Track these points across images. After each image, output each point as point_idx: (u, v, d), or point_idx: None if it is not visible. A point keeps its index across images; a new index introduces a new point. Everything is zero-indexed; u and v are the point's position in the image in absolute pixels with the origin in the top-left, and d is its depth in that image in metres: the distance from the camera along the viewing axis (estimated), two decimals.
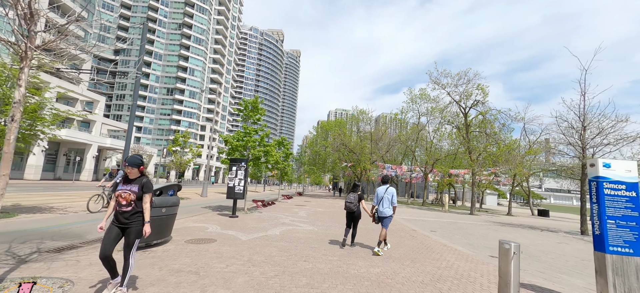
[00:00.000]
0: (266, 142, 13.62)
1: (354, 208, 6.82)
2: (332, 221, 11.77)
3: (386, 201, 6.56)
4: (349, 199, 6.91)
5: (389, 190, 6.62)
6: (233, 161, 11.56)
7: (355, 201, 6.83)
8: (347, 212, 6.95)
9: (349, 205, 6.87)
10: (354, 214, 6.88)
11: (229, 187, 11.36)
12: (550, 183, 53.20)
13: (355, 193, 6.94)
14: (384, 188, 6.68)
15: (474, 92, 21.64)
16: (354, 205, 6.82)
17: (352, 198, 6.89)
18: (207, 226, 8.65)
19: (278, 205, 18.22)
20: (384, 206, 6.54)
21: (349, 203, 6.88)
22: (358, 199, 6.86)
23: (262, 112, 13.98)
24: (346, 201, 6.95)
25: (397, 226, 11.49)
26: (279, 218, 11.61)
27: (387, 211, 6.52)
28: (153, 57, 73.18)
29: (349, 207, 6.86)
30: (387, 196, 6.58)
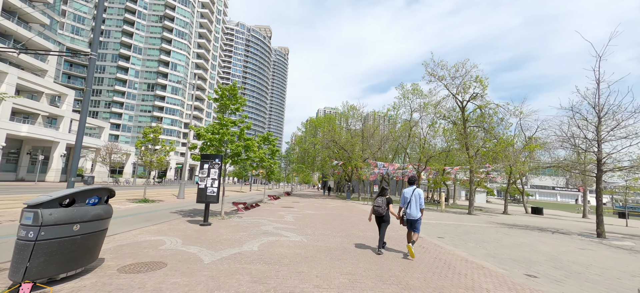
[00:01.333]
0: (247, 135, 11.72)
1: (383, 212, 6.53)
2: (325, 228, 10.01)
3: (414, 203, 6.31)
4: (377, 203, 6.60)
5: (416, 192, 6.36)
6: (205, 157, 9.62)
7: (384, 205, 6.52)
8: (376, 217, 6.71)
9: (377, 209, 6.56)
10: (383, 218, 6.59)
11: (200, 189, 9.42)
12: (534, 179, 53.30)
13: (382, 197, 6.62)
14: (411, 190, 6.42)
15: (472, 85, 20.38)
16: (383, 209, 6.52)
17: (380, 202, 6.57)
18: (165, 240, 6.73)
19: (262, 208, 16.33)
20: (412, 208, 6.30)
21: (377, 207, 6.56)
22: (386, 202, 6.54)
23: (242, 101, 12.06)
24: (374, 205, 6.63)
25: (401, 233, 9.86)
26: (262, 225, 9.77)
27: (416, 213, 6.29)
28: (132, 51, 69.27)
29: (378, 211, 6.56)
30: (415, 198, 6.33)
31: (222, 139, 10.92)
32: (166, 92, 71.12)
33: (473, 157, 20.86)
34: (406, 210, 6.37)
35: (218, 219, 10.73)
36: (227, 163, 11.42)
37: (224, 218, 11.12)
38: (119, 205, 13.74)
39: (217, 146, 11.05)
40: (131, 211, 12.19)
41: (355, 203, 25.07)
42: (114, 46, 68.57)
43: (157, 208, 13.57)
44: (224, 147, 11.27)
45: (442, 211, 21.79)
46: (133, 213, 11.66)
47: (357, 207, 20.96)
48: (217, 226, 9.18)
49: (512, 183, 26.72)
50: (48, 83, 33.71)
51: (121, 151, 38.54)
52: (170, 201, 17.51)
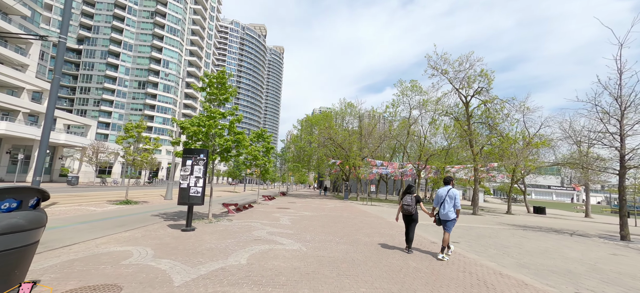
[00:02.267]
0: (237, 129, 10.48)
1: (413, 210, 6.48)
2: (325, 232, 8.84)
3: (448, 203, 6.19)
4: (406, 201, 6.52)
5: (451, 192, 6.22)
6: (188, 152, 8.37)
7: (413, 204, 6.48)
8: (404, 215, 6.65)
9: (407, 207, 6.51)
10: (412, 217, 6.53)
11: (182, 189, 8.17)
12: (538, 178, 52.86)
13: (411, 195, 6.55)
14: (446, 189, 6.29)
15: (476, 79, 19.40)
16: (412, 208, 6.47)
17: (409, 200, 6.51)
18: (133, 252, 5.49)
19: (256, 209, 15.09)
20: (446, 208, 6.18)
21: (407, 205, 6.50)
22: (415, 201, 6.51)
23: (232, 91, 10.81)
24: (403, 204, 6.56)
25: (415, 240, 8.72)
26: (253, 230, 8.56)
27: (451, 214, 6.14)
28: (122, 47, 67.20)
29: (407, 210, 6.51)
30: (450, 198, 6.19)
31: (208, 133, 9.67)
32: (158, 90, 69.21)
33: (477, 154, 19.87)
34: (440, 209, 6.25)
35: (204, 223, 9.49)
36: (215, 159, 10.17)
37: (212, 221, 9.88)
38: (96, 208, 12.40)
39: (203, 140, 9.80)
40: (107, 214, 10.87)
41: (354, 204, 23.96)
42: (103, 42, 66.43)
43: (138, 211, 12.25)
44: (212, 142, 10.03)
45: None
46: (108, 216, 10.35)
47: (357, 208, 19.83)
48: (201, 231, 7.95)
49: (516, 181, 25.85)
50: (29, 78, 31.94)
51: (109, 150, 36.88)
52: (156, 203, 16.17)
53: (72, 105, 65.77)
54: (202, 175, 8.24)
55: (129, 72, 68.53)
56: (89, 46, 66.41)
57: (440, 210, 6.27)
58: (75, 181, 30.97)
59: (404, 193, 6.71)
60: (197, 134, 9.49)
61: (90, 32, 66.66)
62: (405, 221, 6.69)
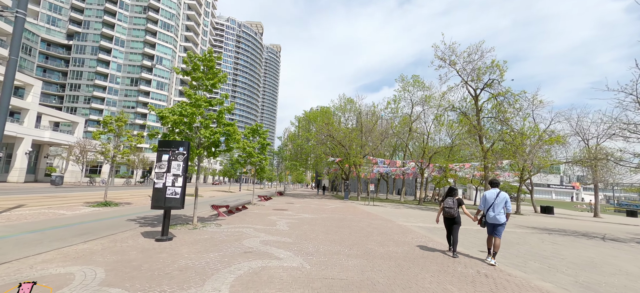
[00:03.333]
0: (227, 120, 9.03)
1: (455, 213, 6.36)
2: (330, 240, 7.44)
3: (498, 207, 5.87)
4: (448, 204, 6.41)
5: (501, 195, 5.88)
6: (164, 145, 6.92)
7: (455, 207, 6.37)
8: (446, 218, 6.53)
9: (449, 210, 6.39)
10: (455, 219, 6.38)
11: (156, 189, 6.72)
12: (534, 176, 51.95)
13: (453, 198, 6.45)
14: (495, 193, 5.96)
15: (487, 71, 18.08)
16: (454, 211, 6.35)
17: (451, 203, 6.41)
18: (77, 274, 4.05)
19: (250, 211, 13.65)
20: (496, 212, 5.86)
21: (449, 208, 6.39)
22: (457, 204, 6.40)
23: (222, 77, 9.36)
24: (445, 207, 6.45)
25: (434, 248, 7.37)
26: (245, 237, 7.13)
27: (501, 218, 5.84)
28: (113, 43, 65.12)
29: (450, 213, 6.39)
30: (500, 202, 5.86)
31: (192, 123, 8.21)
32: (151, 87, 67.26)
33: (488, 151, 18.60)
34: (489, 213, 5.93)
35: (187, 229, 8.04)
36: (201, 154, 8.70)
37: (196, 227, 8.43)
38: (67, 211, 10.88)
39: (185, 132, 8.34)
40: (76, 219, 9.37)
41: (355, 204, 22.59)
42: (94, 37, 64.33)
43: (114, 214, 10.75)
44: (196, 134, 8.57)
45: None
46: (76, 222, 8.86)
47: (360, 209, 18.46)
48: (180, 241, 6.50)
49: (524, 180, 24.65)
50: None
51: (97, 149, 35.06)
52: (140, 205, 14.67)
53: (62, 102, 63.63)
54: (182, 173, 6.79)
55: (121, 69, 66.51)
56: (79, 42, 64.26)
57: (488, 214, 5.92)
58: (60, 181, 29.25)
59: (445, 196, 6.57)
60: (178, 125, 8.02)
61: (80, 27, 64.51)
62: (446, 225, 6.56)
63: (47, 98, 62.52)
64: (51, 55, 63.26)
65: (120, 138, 13.60)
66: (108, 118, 12.89)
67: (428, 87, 31.68)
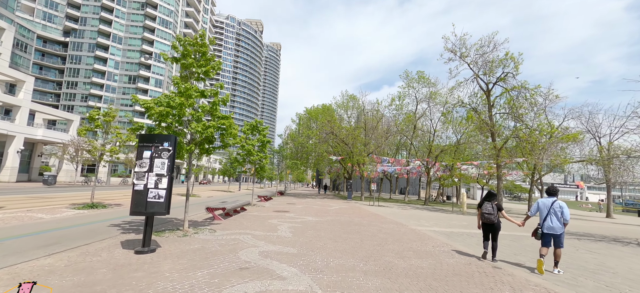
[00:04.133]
0: (222, 112, 8.00)
1: (494, 219, 6.03)
2: (341, 251, 6.41)
3: (555, 216, 5.52)
4: (487, 209, 6.08)
5: (557, 204, 5.58)
6: (145, 139, 5.88)
7: (495, 212, 6.05)
8: (484, 224, 6.20)
9: (488, 216, 6.06)
10: (494, 225, 6.07)
11: (136, 192, 5.69)
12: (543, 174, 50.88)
13: (491, 202, 6.11)
14: (550, 201, 5.67)
15: (501, 64, 17.01)
16: (494, 216, 6.03)
17: (490, 208, 6.07)
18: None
19: (249, 213, 12.63)
20: (554, 222, 5.51)
21: (488, 214, 6.06)
22: (497, 209, 6.07)
23: (215, 65, 8.33)
24: (484, 212, 6.11)
25: (463, 261, 6.36)
26: (241, 247, 6.11)
27: (559, 228, 5.48)
28: (111, 40, 64.00)
29: (489, 219, 6.06)
30: (556, 210, 5.54)
31: (181, 115, 7.18)
32: (149, 85, 66.17)
33: (502, 148, 17.56)
34: (545, 222, 5.63)
35: (176, 236, 7.02)
36: (191, 151, 7.67)
37: (187, 233, 7.40)
38: (46, 214, 9.86)
39: (174, 126, 7.31)
40: (53, 224, 8.36)
41: (359, 204, 21.56)
42: (91, 34, 63.21)
43: (98, 218, 9.72)
44: (187, 128, 7.54)
45: (463, 214, 18.47)
46: (50, 228, 7.84)
47: (365, 210, 17.44)
48: (164, 254, 5.48)
49: (537, 179, 23.59)
50: (2, 68, 29.07)
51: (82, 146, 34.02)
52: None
53: (59, 100, 62.57)
54: (167, 172, 5.76)
55: (119, 66, 65.41)
56: (76, 39, 63.15)
57: (545, 223, 5.60)
58: (53, 181, 28.26)
59: (483, 200, 6.28)
60: (164, 118, 6.99)
61: (77, 23, 63.39)
62: (484, 230, 6.27)
63: (44, 96, 61.52)
64: (47, 52, 62.18)
65: (108, 135, 12.56)
66: (94, 112, 11.85)
67: (433, 83, 30.66)
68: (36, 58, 59.52)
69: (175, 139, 5.98)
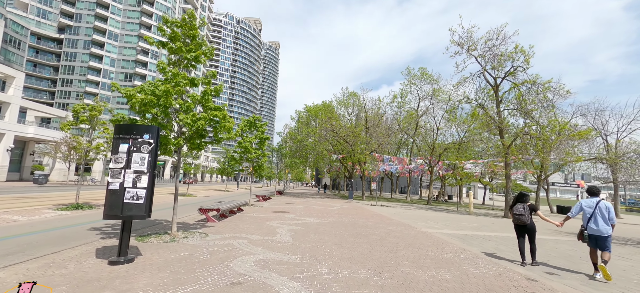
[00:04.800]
0: (214, 103, 7.19)
1: (527, 220, 5.78)
2: (348, 258, 5.61)
3: (601, 217, 5.23)
4: (518, 210, 5.86)
5: (603, 204, 5.29)
6: (122, 131, 5.06)
7: (527, 213, 5.81)
8: (517, 225, 5.94)
9: (519, 217, 5.83)
10: (527, 227, 5.83)
11: (110, 191, 4.86)
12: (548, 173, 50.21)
13: (523, 204, 5.89)
14: (595, 201, 5.37)
15: (511, 57, 16.26)
16: (526, 218, 5.78)
17: (522, 209, 5.85)
18: None
19: (246, 213, 11.82)
20: (600, 224, 5.21)
21: (519, 214, 5.83)
22: (530, 210, 5.84)
23: (208, 51, 7.51)
24: (515, 213, 5.89)
25: (491, 271, 5.58)
26: (235, 255, 5.30)
27: (606, 229, 5.18)
28: (107, 37, 62.92)
29: (521, 220, 5.81)
30: (602, 211, 5.24)
31: (167, 105, 6.35)
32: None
33: (511, 146, 16.80)
34: (590, 225, 5.30)
35: (163, 241, 6.20)
36: (179, 146, 6.84)
37: (175, 238, 6.58)
38: (21, 217, 9.03)
39: (160, 117, 6.49)
40: (25, 228, 7.53)
41: (361, 204, 20.78)
42: (86, 31, 62.11)
43: (78, 221, 8.88)
44: (173, 120, 6.72)
45: (470, 214, 17.72)
46: (20, 232, 7.01)
47: (368, 210, 16.65)
48: (143, 264, 4.66)
49: (542, 180, 22.88)
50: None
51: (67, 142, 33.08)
52: None
53: (53, 98, 61.46)
54: (148, 169, 4.94)
55: (115, 64, 64.34)
56: (71, 35, 62.01)
57: (590, 226, 5.30)
58: (44, 180, 27.34)
59: (515, 202, 6.01)
60: (148, 108, 6.16)
61: (72, 20, 62.26)
62: (518, 233, 6.03)
63: (38, 94, 60.38)
64: (42, 49, 61.04)
65: (95, 131, 11.71)
66: (79, 106, 10.99)
67: (436, 80, 29.90)
68: (30, 55, 58.35)
69: (158, 130, 5.16)
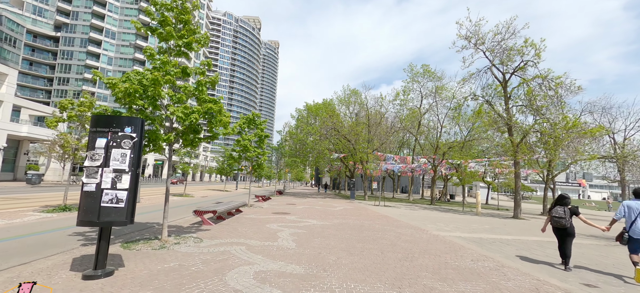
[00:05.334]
0: (208, 95, 6.51)
1: (566, 223, 5.61)
2: (361, 269, 4.94)
3: None
4: (558, 213, 5.72)
5: None
6: (99, 123, 4.37)
7: (567, 216, 5.64)
8: (555, 228, 5.81)
9: (558, 219, 5.67)
10: (567, 230, 5.65)
11: (85, 194, 4.17)
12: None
13: (562, 207, 5.73)
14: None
15: (522, 52, 15.58)
16: (566, 221, 5.61)
17: (561, 212, 5.70)
18: None
19: (245, 214, 11.13)
20: None
21: (559, 218, 5.67)
22: (570, 213, 5.67)
23: (202, 39, 6.84)
24: (554, 216, 5.76)
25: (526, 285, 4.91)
26: (231, 266, 4.62)
27: None
28: (104, 35, 62.09)
29: (560, 222, 5.65)
30: None
31: (156, 96, 5.66)
32: None
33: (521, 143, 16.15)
34: (633, 227, 5.08)
35: (151, 249, 5.51)
36: (170, 142, 6.15)
37: (166, 245, 5.89)
38: (3, 220, 8.32)
39: (147, 110, 5.81)
40: (4, 231, 6.84)
41: (364, 204, 20.12)
42: (83, 29, 61.28)
43: (61, 224, 8.19)
44: (162, 112, 6.04)
45: (478, 215, 17.08)
46: (0, 237, 6.31)
47: (373, 211, 15.99)
48: (123, 279, 3.98)
49: (552, 177, 22.24)
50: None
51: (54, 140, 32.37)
52: None
53: (50, 97, 60.62)
54: (130, 167, 4.26)
55: (112, 62, 63.51)
56: (68, 33, 61.18)
57: (634, 228, 5.14)
58: (37, 180, 26.61)
59: (554, 204, 5.93)
60: (133, 98, 5.46)
61: (69, 18, 61.41)
62: (557, 235, 5.88)
63: (34, 93, 59.55)
64: (38, 47, 60.19)
65: (85, 128, 11.01)
66: (66, 101, 10.30)
67: (439, 77, 29.26)
68: (26, 53, 57.50)
69: (142, 123, 4.48)
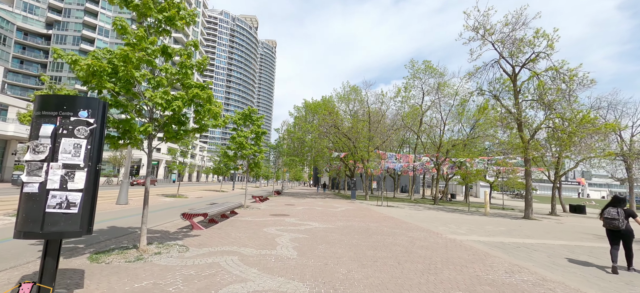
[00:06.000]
0: (195, 80, 5.59)
1: (621, 225, 5.42)
2: (378, 287, 4.04)
3: None
4: (610, 214, 5.54)
5: None
6: (45, 106, 3.41)
7: (621, 217, 5.43)
8: (609, 231, 5.62)
9: (611, 221, 5.50)
10: (622, 233, 5.48)
11: (26, 195, 3.20)
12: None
13: (616, 208, 5.54)
14: None
15: (533, 43, 14.77)
16: (620, 222, 5.43)
17: (615, 213, 5.49)
18: None
19: (241, 216, 10.18)
20: None
21: (611, 219, 5.51)
22: (625, 214, 5.45)
23: (188, 15, 5.91)
24: (606, 217, 5.59)
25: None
26: (218, 285, 3.69)
27: None
28: (97, 33, 60.71)
29: (614, 225, 5.47)
30: None
31: (128, 77, 4.71)
32: None
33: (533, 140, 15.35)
34: None
35: (125, 260, 4.57)
36: (149, 135, 5.21)
37: (143, 256, 4.95)
38: None
39: (119, 94, 4.87)
40: None
41: (366, 205, 19.24)
42: (75, 26, 59.84)
43: None
44: (141, 99, 5.10)
45: (487, 215, 16.25)
46: None
47: (376, 211, 15.10)
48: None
49: (559, 176, 21.50)
50: None
51: None
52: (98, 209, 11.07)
53: None
54: (86, 162, 3.31)
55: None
56: (60, 31, 59.71)
57: None
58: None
59: (607, 205, 5.65)
60: (101, 79, 4.51)
61: (61, 15, 59.96)
62: (610, 238, 5.58)
63: (25, 91, 58.05)
64: (29, 45, 58.71)
65: None
66: (42, 93, 9.28)
67: (442, 73, 28.48)
68: (16, 51, 56.06)
69: (105, 105, 3.54)
